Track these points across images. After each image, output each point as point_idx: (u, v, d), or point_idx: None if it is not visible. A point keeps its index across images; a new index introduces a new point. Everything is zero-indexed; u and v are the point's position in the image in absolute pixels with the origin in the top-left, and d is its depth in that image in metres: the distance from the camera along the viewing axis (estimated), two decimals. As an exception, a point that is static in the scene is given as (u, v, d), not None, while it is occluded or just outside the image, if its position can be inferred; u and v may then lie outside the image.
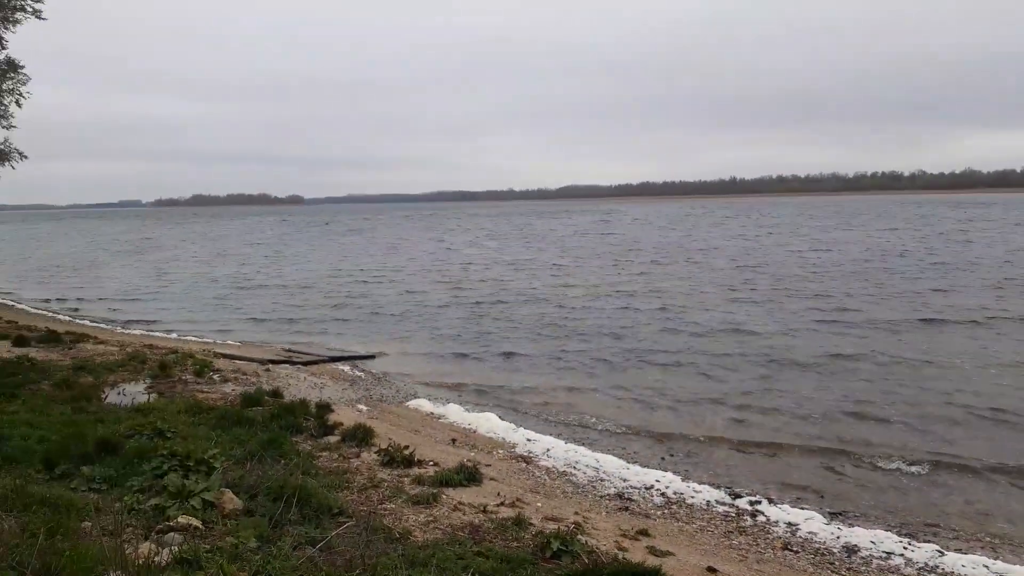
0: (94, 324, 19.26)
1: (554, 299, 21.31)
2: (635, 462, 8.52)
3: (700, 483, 7.83)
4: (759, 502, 7.32)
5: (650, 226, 68.16)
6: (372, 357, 14.82)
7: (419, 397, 11.46)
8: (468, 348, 15.44)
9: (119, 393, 9.97)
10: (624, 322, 17.48)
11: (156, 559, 4.13)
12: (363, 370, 13.65)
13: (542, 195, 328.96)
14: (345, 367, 13.78)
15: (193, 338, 17.10)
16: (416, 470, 7.33)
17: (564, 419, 10.54)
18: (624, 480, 7.88)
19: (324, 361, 14.19)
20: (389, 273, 30.22)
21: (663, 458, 8.85)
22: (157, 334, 17.54)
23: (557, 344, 15.35)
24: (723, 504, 7.27)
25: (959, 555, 6.15)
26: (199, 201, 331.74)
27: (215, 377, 11.58)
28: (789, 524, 6.77)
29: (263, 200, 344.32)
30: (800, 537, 6.51)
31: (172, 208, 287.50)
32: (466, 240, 53.37)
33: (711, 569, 5.53)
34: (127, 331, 17.97)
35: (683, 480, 7.89)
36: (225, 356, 13.88)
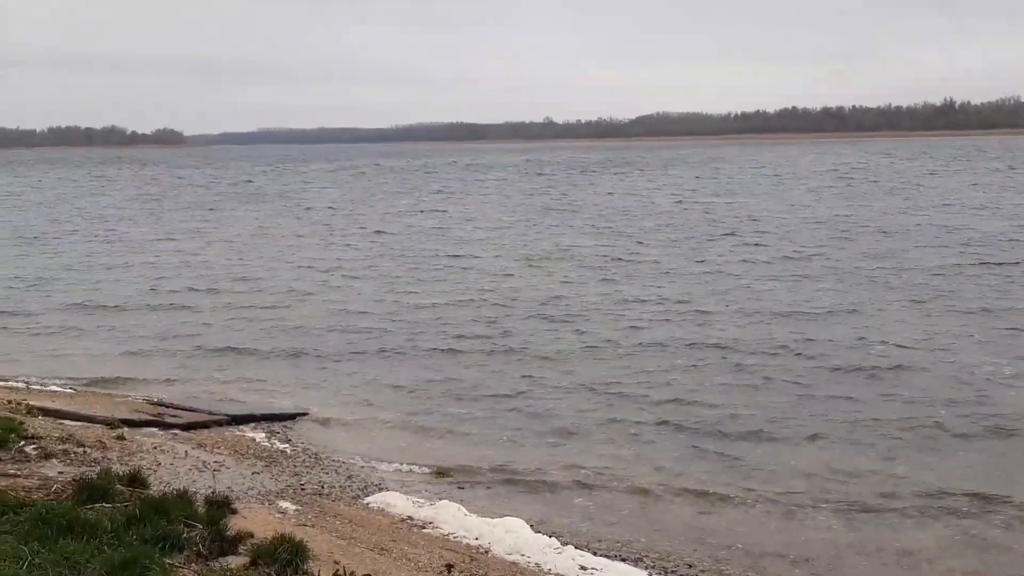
0: None
1: (614, 323, 21.41)
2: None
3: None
4: None
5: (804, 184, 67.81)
6: (303, 415, 14.96)
7: (387, 489, 11.56)
8: (468, 404, 15.59)
9: None
10: (740, 361, 17.70)
11: None
12: (287, 440, 13.73)
13: (605, 130, 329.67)
14: (257, 434, 13.89)
15: (-11, 379, 17.33)
16: (384, 619, 7.29)
17: (642, 531, 10.61)
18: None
19: (220, 423, 14.33)
20: (328, 275, 30.44)
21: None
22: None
23: (623, 399, 15.56)
24: None
25: None
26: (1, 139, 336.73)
27: (29, 450, 11.68)
28: None
29: (113, 138, 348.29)
30: None
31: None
32: (463, 212, 53.53)
33: None
34: None
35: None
36: (47, 412, 14.02)
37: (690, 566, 9.71)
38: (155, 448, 12.55)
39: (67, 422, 13.60)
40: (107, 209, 61.06)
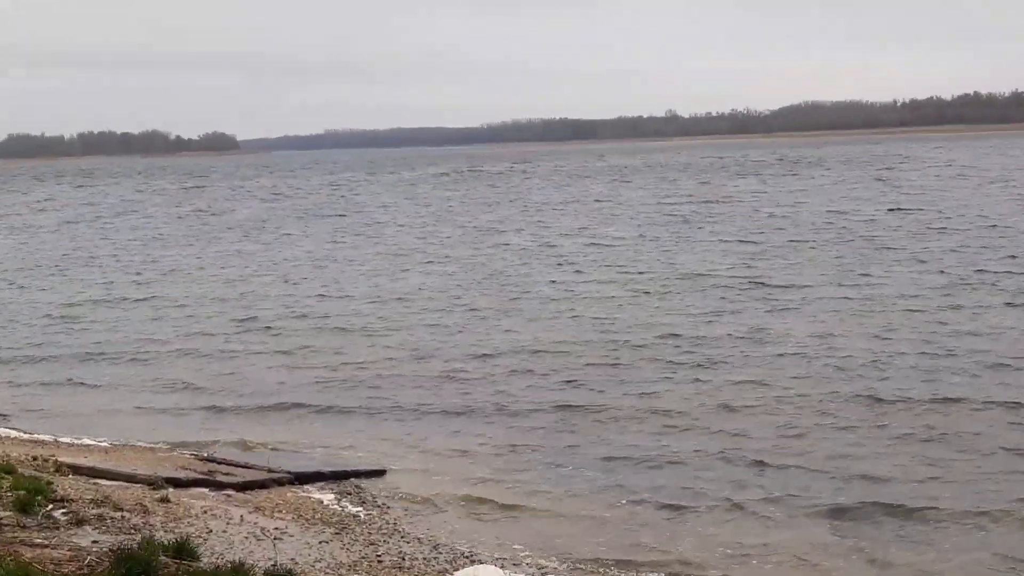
0: None
1: (748, 368, 21.22)
2: None
3: None
4: None
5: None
6: (379, 474, 15.26)
7: (479, 561, 11.68)
8: (572, 466, 15.69)
9: None
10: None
11: None
12: (361, 502, 13.96)
13: (741, 124, 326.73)
14: (325, 495, 14.13)
15: (11, 431, 17.84)
16: None
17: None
18: None
19: (281, 482, 14.60)
20: (405, 307, 30.75)
21: None
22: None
23: (760, 467, 15.42)
24: None
25: None
26: (20, 148, 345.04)
27: (58, 514, 11.87)
28: None
29: (154, 145, 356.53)
30: None
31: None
32: (567, 228, 53.62)
33: None
34: None
35: None
36: (79, 470, 14.37)
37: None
38: (205, 512, 12.77)
39: (102, 482, 13.90)
40: (142, 230, 62.20)
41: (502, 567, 11.44)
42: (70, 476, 14.01)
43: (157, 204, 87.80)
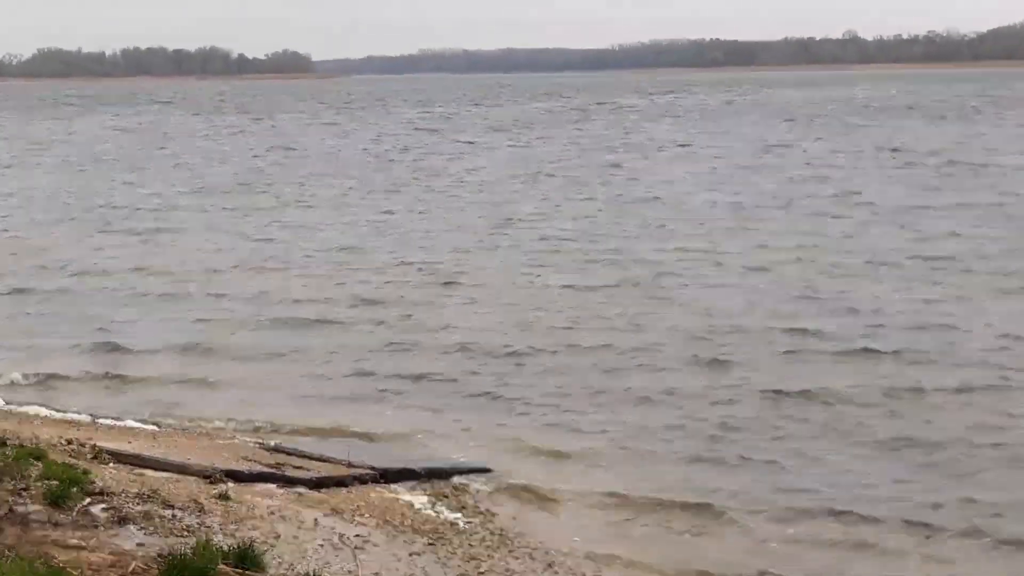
0: None
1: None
2: None
3: None
4: None
5: None
6: (482, 472, 15.29)
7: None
8: (732, 473, 15.53)
9: None
10: None
11: None
12: (460, 507, 14.01)
13: (940, 51, 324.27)
14: (416, 497, 14.24)
15: (42, 409, 18.29)
16: None
17: None
18: None
19: (363, 479, 14.70)
20: (502, 260, 31.48)
21: None
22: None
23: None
24: None
25: None
26: (50, 66, 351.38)
27: (97, 511, 12.03)
28: None
29: (212, 65, 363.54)
30: None
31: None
32: (704, 176, 53.45)
33: None
34: None
35: None
36: (121, 458, 14.60)
37: None
38: (272, 513, 12.88)
39: (149, 472, 14.11)
40: (185, 177, 61.63)
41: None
42: (111, 465, 14.22)
43: (218, 142, 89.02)
